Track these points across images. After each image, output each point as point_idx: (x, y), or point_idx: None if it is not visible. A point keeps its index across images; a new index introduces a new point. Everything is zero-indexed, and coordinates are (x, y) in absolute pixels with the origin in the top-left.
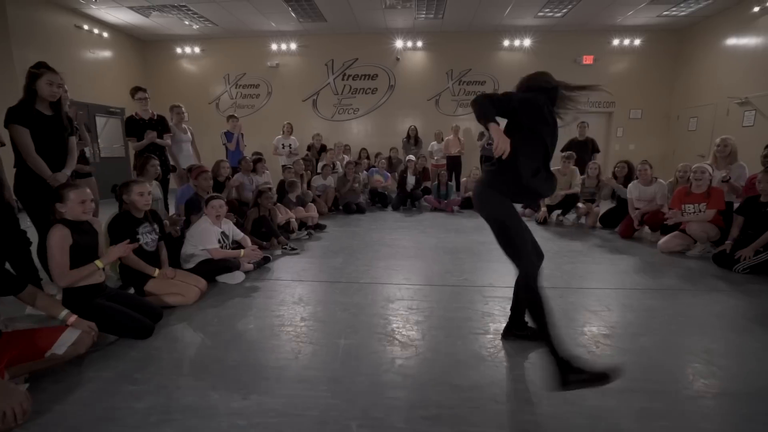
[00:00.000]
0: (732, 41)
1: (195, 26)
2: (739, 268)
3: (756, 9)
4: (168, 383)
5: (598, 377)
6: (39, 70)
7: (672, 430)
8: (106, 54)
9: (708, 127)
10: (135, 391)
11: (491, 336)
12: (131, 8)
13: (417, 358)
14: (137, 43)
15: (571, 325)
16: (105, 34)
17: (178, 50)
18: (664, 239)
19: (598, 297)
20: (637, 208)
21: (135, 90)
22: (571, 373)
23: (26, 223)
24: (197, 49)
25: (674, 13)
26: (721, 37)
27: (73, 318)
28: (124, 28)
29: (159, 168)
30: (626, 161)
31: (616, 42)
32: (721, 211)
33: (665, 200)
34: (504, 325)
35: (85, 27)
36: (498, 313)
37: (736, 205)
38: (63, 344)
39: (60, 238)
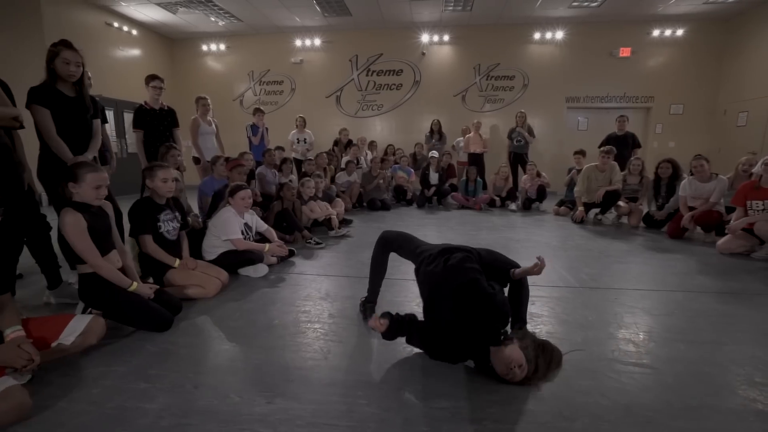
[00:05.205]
0: None
1: (220, 23)
2: None
3: None
4: (185, 382)
5: None
6: (56, 48)
7: None
8: (135, 51)
9: (761, 122)
10: (148, 389)
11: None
12: (158, 4)
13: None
14: (165, 41)
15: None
16: (134, 32)
17: (204, 48)
18: (724, 239)
19: (653, 300)
20: (691, 207)
21: (151, 78)
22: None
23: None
24: (222, 46)
25: None
26: None
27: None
28: (153, 26)
29: (178, 158)
30: (670, 159)
31: (656, 33)
32: None
33: (720, 198)
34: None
35: (115, 24)
36: (544, 313)
37: None
38: (70, 334)
39: (72, 224)
